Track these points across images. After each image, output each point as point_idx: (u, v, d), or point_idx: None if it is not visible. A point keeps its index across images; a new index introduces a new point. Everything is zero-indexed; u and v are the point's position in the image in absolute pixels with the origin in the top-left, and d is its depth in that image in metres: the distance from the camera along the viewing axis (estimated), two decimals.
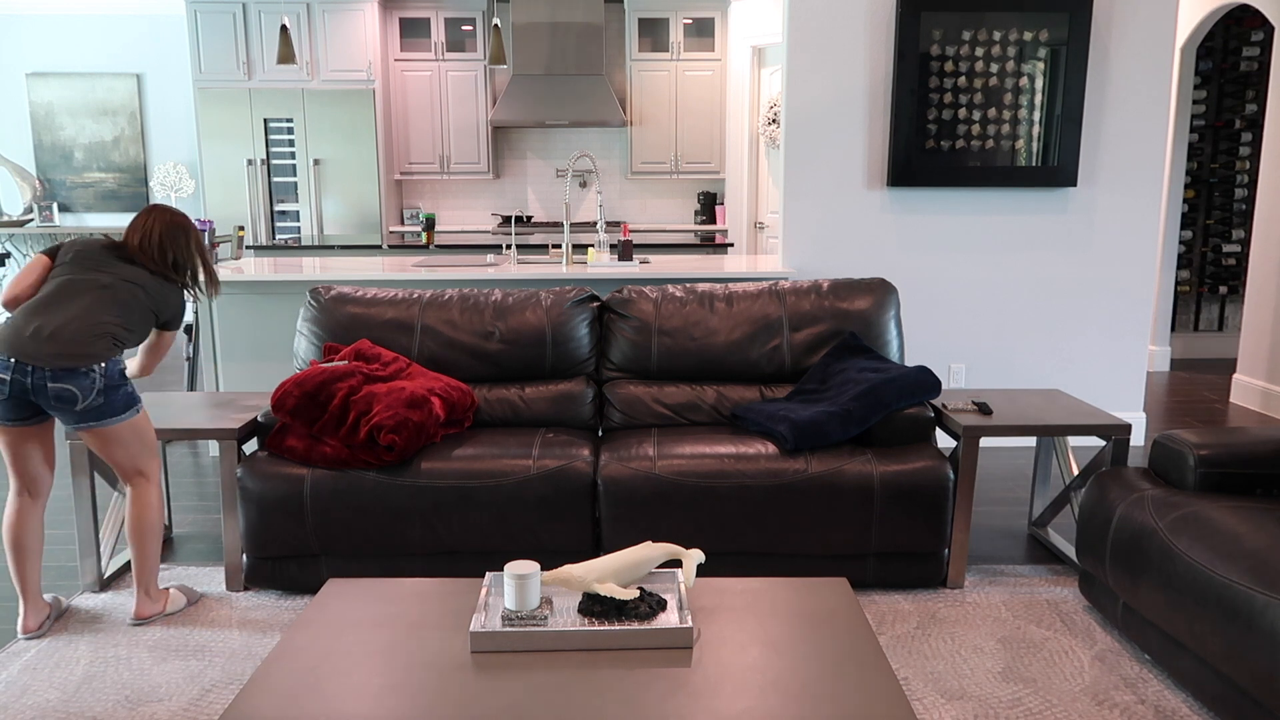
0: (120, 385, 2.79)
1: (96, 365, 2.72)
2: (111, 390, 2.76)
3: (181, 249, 2.98)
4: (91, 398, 2.72)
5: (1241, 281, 7.16)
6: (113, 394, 2.77)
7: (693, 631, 1.98)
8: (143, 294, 2.88)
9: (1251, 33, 6.82)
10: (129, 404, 2.82)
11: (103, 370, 2.73)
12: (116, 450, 2.85)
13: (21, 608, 2.91)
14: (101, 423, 2.77)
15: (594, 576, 2.07)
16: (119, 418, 2.80)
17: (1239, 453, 2.69)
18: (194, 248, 3.02)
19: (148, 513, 2.93)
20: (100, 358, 2.73)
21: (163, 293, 2.94)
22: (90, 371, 2.71)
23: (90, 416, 2.74)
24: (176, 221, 3.00)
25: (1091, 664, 2.71)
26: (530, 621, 2.01)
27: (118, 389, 2.78)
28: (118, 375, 2.78)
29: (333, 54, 7.71)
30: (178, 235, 2.98)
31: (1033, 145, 4.59)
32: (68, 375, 2.68)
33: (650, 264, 4.88)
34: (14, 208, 8.94)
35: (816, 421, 3.12)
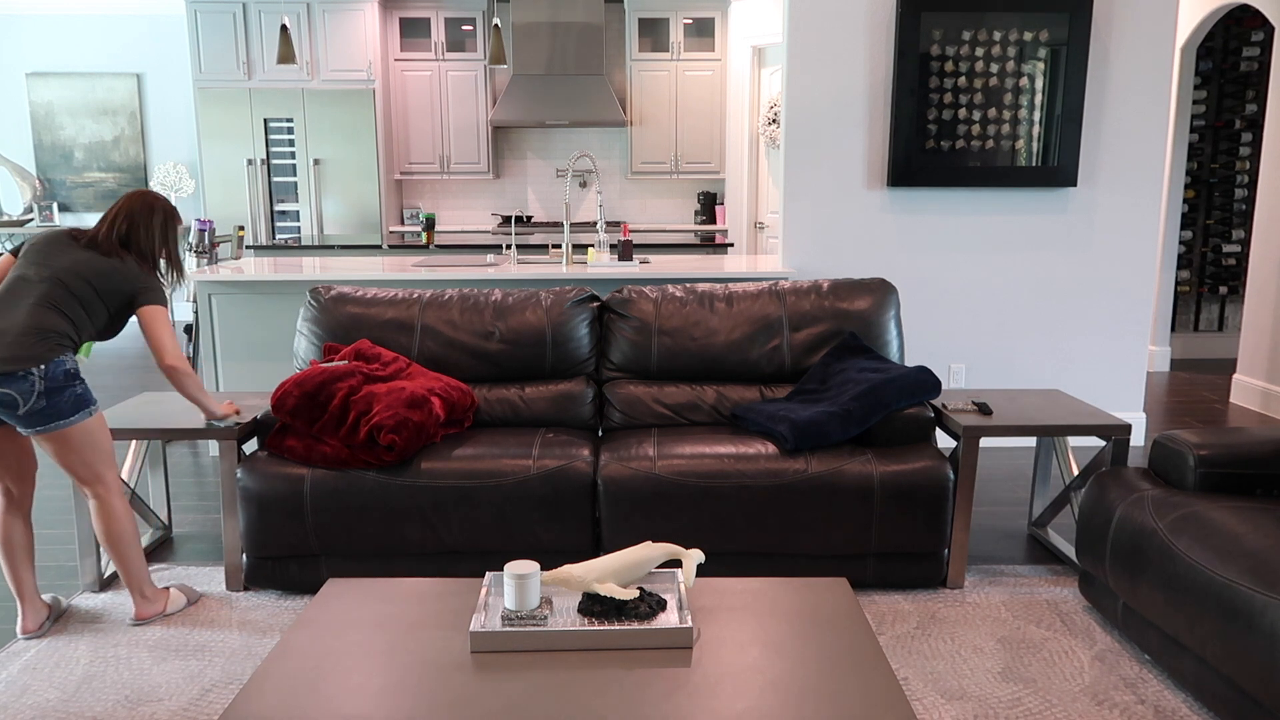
0: (65, 387, 2.70)
1: (35, 368, 2.64)
2: (54, 393, 2.67)
3: (140, 225, 2.90)
4: (32, 401, 2.64)
5: (1241, 281, 7.16)
6: (55, 396, 2.67)
7: (693, 631, 1.98)
8: (91, 280, 2.79)
9: (1251, 33, 6.82)
10: (78, 406, 2.73)
11: (42, 372, 2.65)
12: (69, 456, 2.76)
13: (20, 609, 2.91)
14: (48, 427, 2.69)
15: (594, 576, 2.07)
16: (66, 421, 2.71)
17: (1239, 453, 2.69)
18: (156, 227, 2.93)
19: (115, 523, 2.87)
20: (39, 359, 2.64)
21: (115, 273, 2.82)
22: (28, 374, 2.63)
23: (36, 421, 2.67)
24: (148, 201, 2.94)
25: (1091, 664, 2.71)
26: (530, 621, 2.01)
27: (61, 390, 2.69)
28: (60, 377, 2.69)
29: (333, 54, 7.71)
30: (140, 214, 2.91)
31: (1033, 145, 4.59)
32: (6, 379, 2.62)
33: (650, 264, 4.88)
34: (14, 208, 8.95)
35: (816, 421, 3.12)
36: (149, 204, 2.94)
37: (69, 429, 2.72)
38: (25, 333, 2.67)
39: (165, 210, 2.96)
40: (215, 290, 4.61)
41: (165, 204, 2.97)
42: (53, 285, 2.76)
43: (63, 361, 2.71)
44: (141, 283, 2.87)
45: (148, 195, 2.95)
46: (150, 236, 2.92)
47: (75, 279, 2.78)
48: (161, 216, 2.95)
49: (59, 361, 2.70)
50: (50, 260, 2.80)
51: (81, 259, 2.81)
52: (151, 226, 2.92)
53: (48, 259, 2.80)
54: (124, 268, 2.85)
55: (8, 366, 2.62)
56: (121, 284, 2.84)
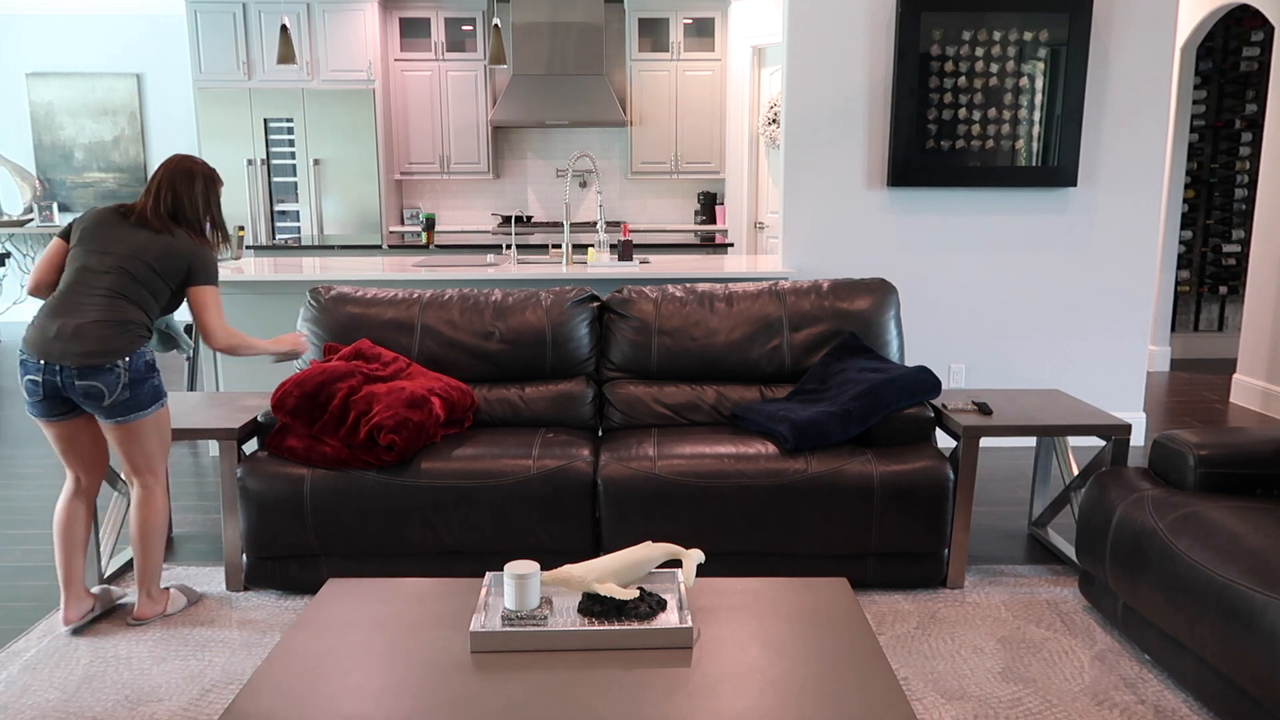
0: (146, 378, 2.76)
1: (120, 360, 2.70)
2: (137, 384, 2.73)
3: (184, 196, 2.85)
4: (118, 392, 2.70)
5: (1241, 281, 7.16)
6: (138, 388, 2.74)
7: (693, 631, 1.98)
8: (151, 263, 2.78)
9: (1251, 33, 6.82)
10: (155, 398, 2.80)
11: (126, 364, 2.71)
12: (134, 446, 2.81)
13: (63, 598, 2.90)
14: (128, 417, 2.75)
15: (594, 576, 2.07)
16: (144, 412, 2.77)
17: (1239, 453, 2.69)
18: (199, 195, 2.88)
19: (154, 516, 2.90)
20: (123, 352, 2.70)
21: (171, 251, 2.81)
22: (114, 367, 2.69)
23: (118, 411, 2.73)
24: (185, 167, 2.88)
25: (1091, 664, 2.71)
26: (530, 621, 2.01)
27: (144, 382, 2.75)
28: (143, 368, 2.75)
29: (333, 54, 7.71)
30: (181, 183, 2.85)
31: (1033, 145, 4.59)
32: (93, 372, 2.67)
33: (650, 264, 4.88)
34: (14, 208, 8.95)
35: (816, 421, 3.12)
36: (188, 171, 2.88)
37: (144, 420, 2.78)
38: (106, 326, 2.70)
39: (205, 175, 2.91)
40: None
41: (203, 167, 2.91)
42: (119, 275, 2.75)
43: (144, 353, 2.77)
44: (194, 259, 2.84)
45: (184, 161, 2.89)
46: (195, 205, 2.88)
47: (138, 264, 2.77)
48: (202, 182, 2.90)
49: (141, 353, 2.75)
50: (109, 246, 2.78)
51: (139, 242, 2.79)
52: (194, 195, 2.87)
53: (106, 245, 2.78)
54: (176, 244, 2.82)
55: (94, 360, 2.67)
56: (178, 261, 2.82)
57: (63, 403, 2.77)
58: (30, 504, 4.08)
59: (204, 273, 2.86)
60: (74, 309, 2.72)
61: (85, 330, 2.68)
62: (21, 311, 9.09)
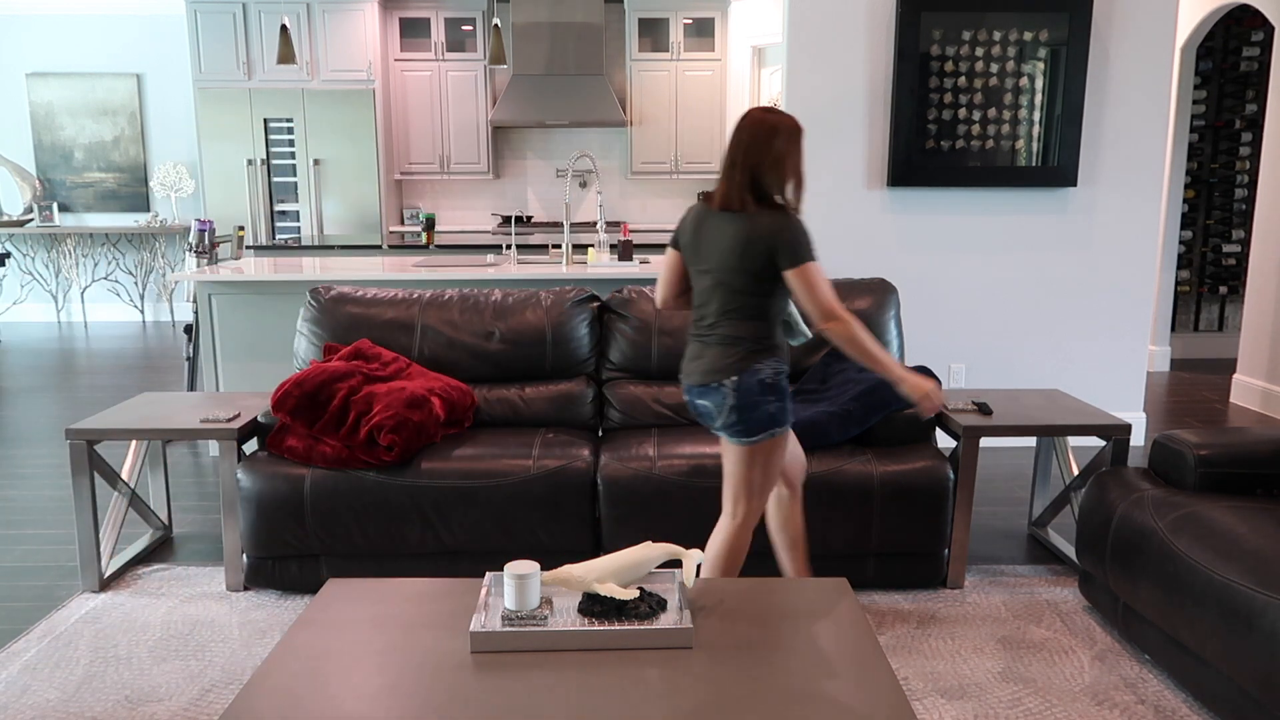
0: (759, 402, 2.45)
1: (727, 379, 2.46)
2: (746, 409, 2.45)
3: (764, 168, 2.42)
4: (725, 415, 2.48)
5: (1241, 281, 7.16)
6: (748, 413, 2.46)
7: (692, 632, 1.97)
8: (740, 265, 2.43)
9: (1251, 33, 6.82)
10: (764, 426, 2.47)
11: (734, 385, 2.45)
12: (735, 469, 2.56)
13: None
14: (737, 440, 2.51)
15: (594, 576, 2.06)
16: (751, 439, 2.49)
17: (1239, 453, 2.69)
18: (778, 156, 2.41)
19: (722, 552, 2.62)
20: (729, 372, 2.45)
21: (749, 238, 2.41)
22: (721, 386, 2.46)
23: (729, 433, 2.51)
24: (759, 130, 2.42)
25: (1091, 664, 2.71)
26: (530, 621, 2.01)
27: (755, 407, 2.45)
28: (755, 389, 2.45)
29: (333, 54, 7.71)
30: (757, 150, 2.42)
31: (1033, 145, 4.59)
32: (703, 391, 2.51)
33: (650, 264, 4.88)
34: (14, 208, 8.95)
35: (816, 421, 3.12)
36: (762, 133, 2.43)
37: (749, 447, 2.51)
38: (717, 344, 2.49)
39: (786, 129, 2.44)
40: (215, 290, 4.61)
41: (780, 119, 2.44)
42: (717, 287, 2.48)
43: (756, 371, 2.46)
44: (774, 240, 2.40)
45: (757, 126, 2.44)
46: (778, 175, 2.43)
47: (728, 273, 2.45)
48: (781, 142, 2.42)
49: (752, 372, 2.46)
50: (703, 259, 2.51)
51: (723, 243, 2.45)
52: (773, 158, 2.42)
53: (702, 252, 2.51)
54: (752, 228, 2.41)
55: (703, 379, 2.50)
56: (756, 247, 2.41)
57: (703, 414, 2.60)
58: (30, 504, 4.08)
59: (788, 253, 2.39)
60: (699, 332, 2.55)
61: (705, 354, 2.52)
62: (22, 311, 9.09)
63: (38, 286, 9.04)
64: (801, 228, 2.41)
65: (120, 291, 9.07)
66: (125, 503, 3.46)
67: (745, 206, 2.43)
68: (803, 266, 2.38)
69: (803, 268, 2.38)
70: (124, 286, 9.05)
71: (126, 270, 9.02)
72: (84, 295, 9.04)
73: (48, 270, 9.00)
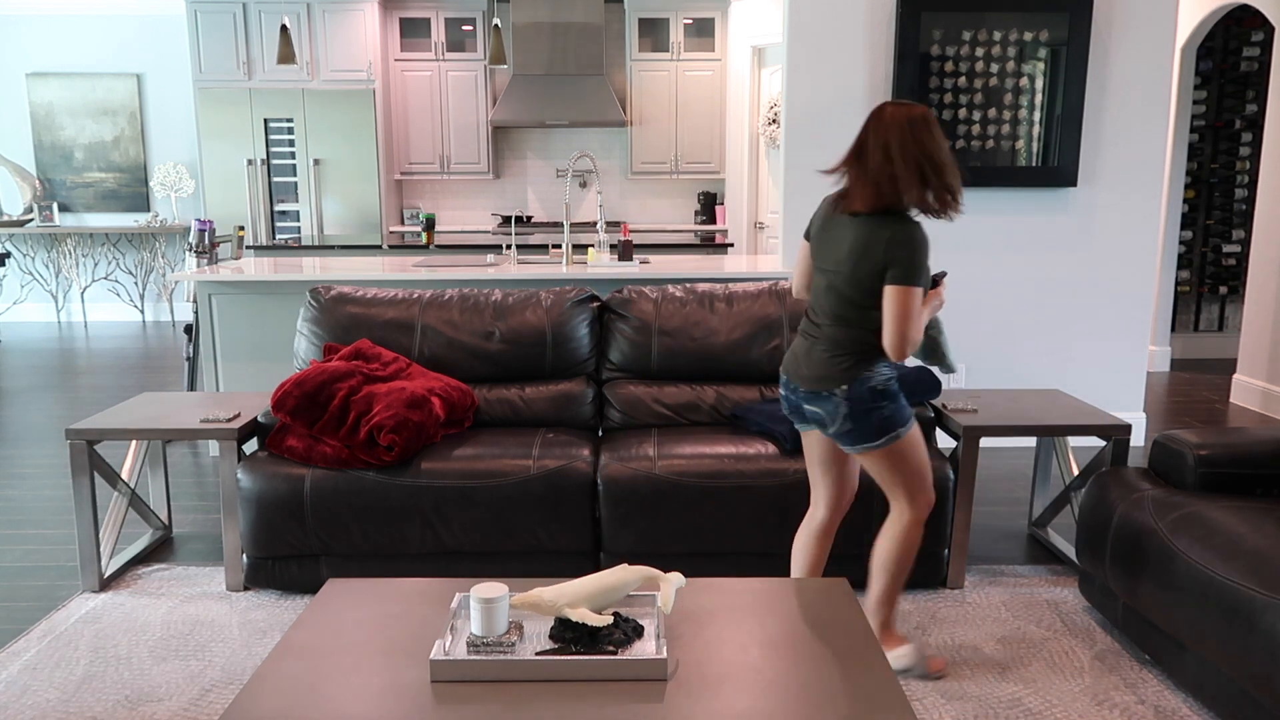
0: (873, 408, 2.41)
1: (837, 388, 2.42)
2: (859, 415, 2.42)
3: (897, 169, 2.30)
4: (839, 422, 2.45)
5: (1241, 281, 7.16)
6: (862, 419, 2.42)
7: (666, 663, 1.83)
8: (857, 272, 2.36)
9: (1251, 33, 6.82)
10: (885, 429, 2.44)
11: (844, 393, 2.42)
12: (872, 472, 2.54)
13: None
14: (856, 448, 2.48)
15: (565, 601, 1.93)
16: (874, 444, 2.45)
17: (1239, 453, 2.69)
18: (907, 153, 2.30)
19: (895, 548, 2.58)
20: (840, 380, 2.42)
21: (868, 244, 2.34)
22: (832, 394, 2.43)
23: (844, 441, 2.49)
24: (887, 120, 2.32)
25: (1091, 664, 2.71)
26: (496, 649, 1.90)
27: (869, 413, 2.42)
28: (866, 396, 2.41)
29: (333, 54, 7.71)
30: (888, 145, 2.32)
31: (1033, 145, 4.59)
32: (814, 398, 2.47)
33: (650, 264, 4.88)
34: (14, 208, 8.95)
35: None
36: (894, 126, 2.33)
37: (876, 451, 2.47)
38: (826, 350, 2.46)
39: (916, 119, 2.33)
40: (215, 290, 4.61)
41: (910, 111, 2.34)
42: (833, 295, 2.44)
43: (868, 379, 2.42)
44: (889, 250, 2.31)
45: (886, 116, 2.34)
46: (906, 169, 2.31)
47: (844, 280, 2.40)
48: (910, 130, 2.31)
49: (863, 379, 2.41)
50: (824, 251, 2.47)
51: (843, 247, 2.39)
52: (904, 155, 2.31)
53: (822, 251, 2.47)
54: (873, 234, 2.33)
55: (814, 385, 2.46)
56: (874, 255, 2.33)
57: (805, 417, 2.59)
58: (30, 504, 4.08)
59: (898, 269, 2.30)
60: (809, 327, 2.55)
61: (812, 352, 2.49)
62: (22, 311, 9.09)
63: (38, 286, 9.04)
64: (921, 247, 2.31)
65: (120, 291, 9.07)
66: (125, 503, 3.46)
67: (869, 211, 2.35)
68: (906, 289, 2.30)
69: (905, 290, 2.30)
70: (124, 286, 9.05)
71: (126, 270, 9.02)
72: (84, 295, 9.04)
73: (48, 270, 9.00)
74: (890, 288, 2.31)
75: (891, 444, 2.46)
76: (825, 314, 2.48)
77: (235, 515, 3.14)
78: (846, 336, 2.43)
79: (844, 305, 2.42)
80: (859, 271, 2.36)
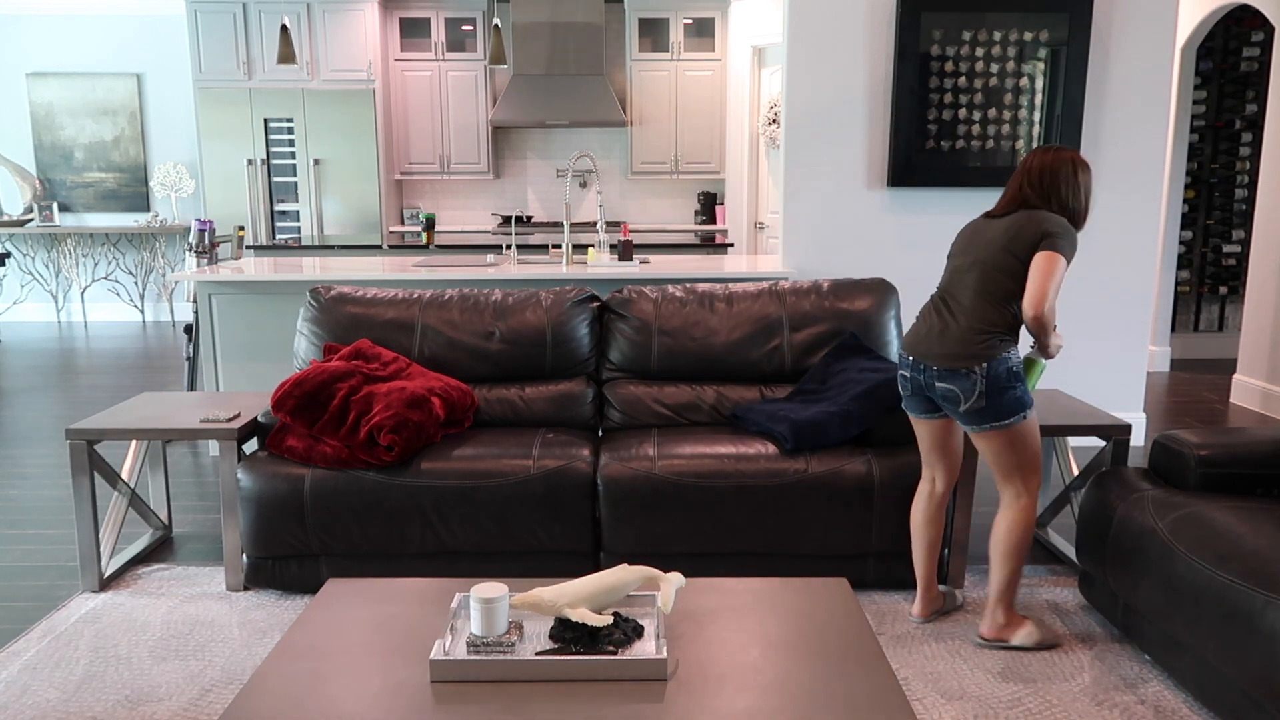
0: (1007, 387, 2.56)
1: (976, 367, 2.56)
2: (995, 394, 2.56)
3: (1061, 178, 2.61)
4: (973, 400, 2.58)
5: (1241, 282, 7.16)
6: (996, 397, 2.56)
7: (666, 663, 1.83)
8: (1008, 246, 2.57)
9: (1251, 33, 6.82)
10: (1015, 410, 2.59)
11: (984, 371, 2.55)
12: (994, 456, 2.66)
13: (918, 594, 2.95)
14: (983, 426, 2.61)
15: (565, 601, 1.94)
16: (1002, 423, 2.59)
17: (1239, 453, 2.69)
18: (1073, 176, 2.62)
19: (1012, 533, 2.70)
20: (981, 358, 2.56)
21: (1032, 221, 2.57)
22: (971, 372, 2.56)
23: (973, 419, 2.61)
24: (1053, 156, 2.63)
25: (1091, 664, 2.71)
26: (495, 649, 1.90)
27: (1004, 391, 2.56)
28: (1003, 376, 2.56)
29: (333, 54, 7.71)
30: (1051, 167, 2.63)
31: (1033, 145, 4.58)
32: (950, 375, 2.59)
33: (650, 264, 4.88)
34: (14, 208, 8.95)
35: (816, 422, 3.12)
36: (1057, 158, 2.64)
37: (1001, 431, 2.62)
38: (967, 328, 2.60)
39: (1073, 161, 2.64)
40: (215, 290, 4.61)
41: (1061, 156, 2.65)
42: (975, 266, 2.63)
43: (1006, 359, 2.57)
44: (1048, 225, 2.56)
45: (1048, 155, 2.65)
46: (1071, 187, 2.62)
47: (997, 253, 2.59)
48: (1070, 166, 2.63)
49: (1002, 360, 2.57)
50: (972, 245, 2.67)
51: (997, 232, 2.62)
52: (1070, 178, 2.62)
53: (970, 245, 2.69)
54: (1033, 215, 2.59)
55: (951, 364, 2.59)
56: (1029, 233, 2.56)
57: (928, 400, 2.73)
58: (30, 504, 4.08)
59: (1051, 239, 2.53)
60: (940, 308, 2.69)
61: (950, 331, 2.62)
62: (22, 311, 9.09)
63: (38, 286, 9.04)
64: (1073, 231, 2.58)
65: (120, 291, 9.07)
66: (125, 503, 3.46)
67: (1028, 205, 2.61)
68: (1055, 254, 2.51)
69: (1054, 255, 2.51)
70: (124, 286, 9.05)
71: (126, 270, 9.02)
72: (84, 295, 9.04)
73: (48, 270, 9.00)
74: (1041, 253, 2.52)
75: (1017, 424, 2.61)
76: (967, 290, 2.64)
77: (235, 515, 3.14)
78: (987, 314, 2.59)
79: (991, 279, 2.59)
80: (1014, 245, 2.57)
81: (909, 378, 2.72)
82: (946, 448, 2.84)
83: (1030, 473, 2.68)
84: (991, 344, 2.58)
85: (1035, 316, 2.52)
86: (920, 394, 2.73)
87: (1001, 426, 2.61)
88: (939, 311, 2.70)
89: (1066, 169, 2.62)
